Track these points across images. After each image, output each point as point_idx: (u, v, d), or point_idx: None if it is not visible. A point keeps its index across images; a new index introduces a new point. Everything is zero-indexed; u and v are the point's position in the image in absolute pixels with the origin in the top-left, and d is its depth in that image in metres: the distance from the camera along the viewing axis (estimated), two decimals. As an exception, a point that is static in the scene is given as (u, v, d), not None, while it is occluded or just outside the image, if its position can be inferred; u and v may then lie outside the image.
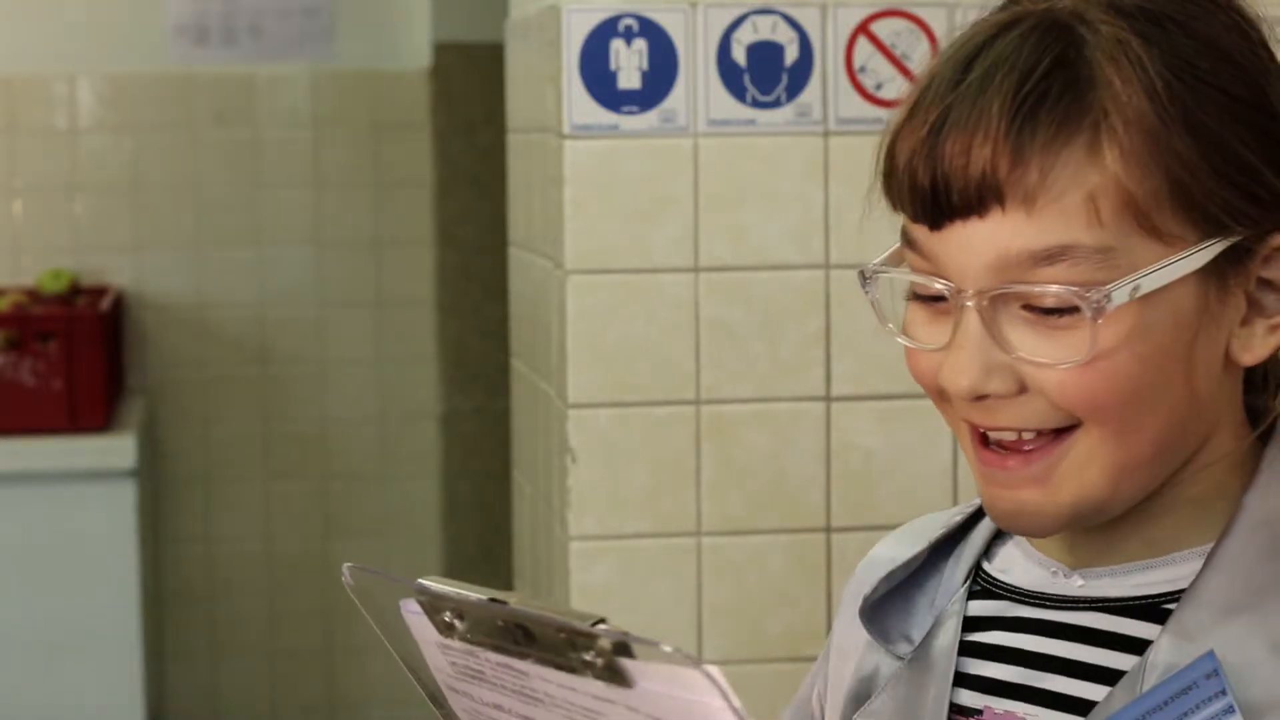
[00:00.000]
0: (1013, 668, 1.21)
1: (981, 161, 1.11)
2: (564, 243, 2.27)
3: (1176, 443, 1.16)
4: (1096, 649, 1.18)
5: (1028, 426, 1.14)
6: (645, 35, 2.25)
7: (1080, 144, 1.10)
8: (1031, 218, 1.10)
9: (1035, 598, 1.23)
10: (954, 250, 1.13)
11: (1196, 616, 1.14)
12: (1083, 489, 1.15)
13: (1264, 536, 1.15)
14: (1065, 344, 1.11)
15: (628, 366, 2.27)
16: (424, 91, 4.37)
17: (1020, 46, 1.12)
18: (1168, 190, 1.10)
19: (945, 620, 1.26)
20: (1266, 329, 1.16)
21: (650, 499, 2.28)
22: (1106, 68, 1.11)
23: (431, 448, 4.44)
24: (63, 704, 3.71)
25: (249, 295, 4.38)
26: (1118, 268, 1.10)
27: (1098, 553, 1.21)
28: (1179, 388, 1.14)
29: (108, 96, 4.31)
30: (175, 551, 4.37)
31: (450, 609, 1.03)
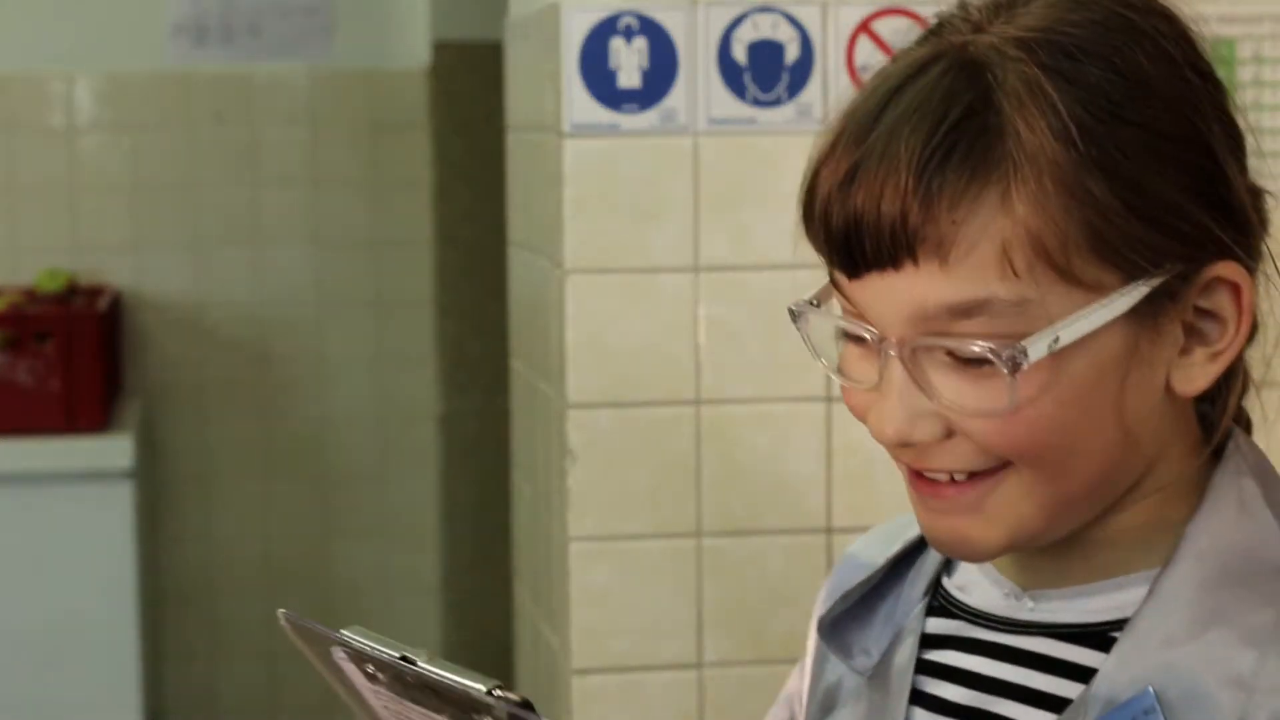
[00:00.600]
0: (966, 690, 1.21)
1: (892, 215, 1.08)
2: (564, 243, 2.26)
3: (1111, 478, 1.14)
4: (1045, 675, 1.17)
5: (958, 468, 1.13)
6: (645, 34, 2.25)
7: (991, 195, 1.07)
8: (945, 271, 1.08)
9: (989, 620, 1.22)
10: (872, 299, 1.12)
11: (1138, 648, 1.12)
12: (1019, 521, 1.14)
13: (1207, 567, 1.14)
14: (988, 392, 1.09)
15: (628, 366, 2.26)
16: (423, 91, 4.36)
17: (931, 92, 1.10)
18: (1084, 237, 1.07)
19: (904, 637, 1.25)
20: (1206, 358, 1.14)
21: (650, 499, 2.28)
22: (1016, 116, 1.08)
23: (431, 448, 4.43)
24: (61, 704, 3.71)
25: (247, 295, 4.37)
26: (1037, 318, 1.08)
27: (1048, 575, 1.20)
28: (1109, 428, 1.12)
29: (106, 96, 4.30)
30: (173, 552, 4.36)
31: (371, 662, 1.04)
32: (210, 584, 4.40)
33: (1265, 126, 2.38)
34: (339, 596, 4.42)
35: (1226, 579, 1.13)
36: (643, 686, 2.29)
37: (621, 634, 2.28)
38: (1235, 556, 1.14)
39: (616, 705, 2.28)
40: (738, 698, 2.28)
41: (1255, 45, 2.36)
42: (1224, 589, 1.13)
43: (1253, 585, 1.12)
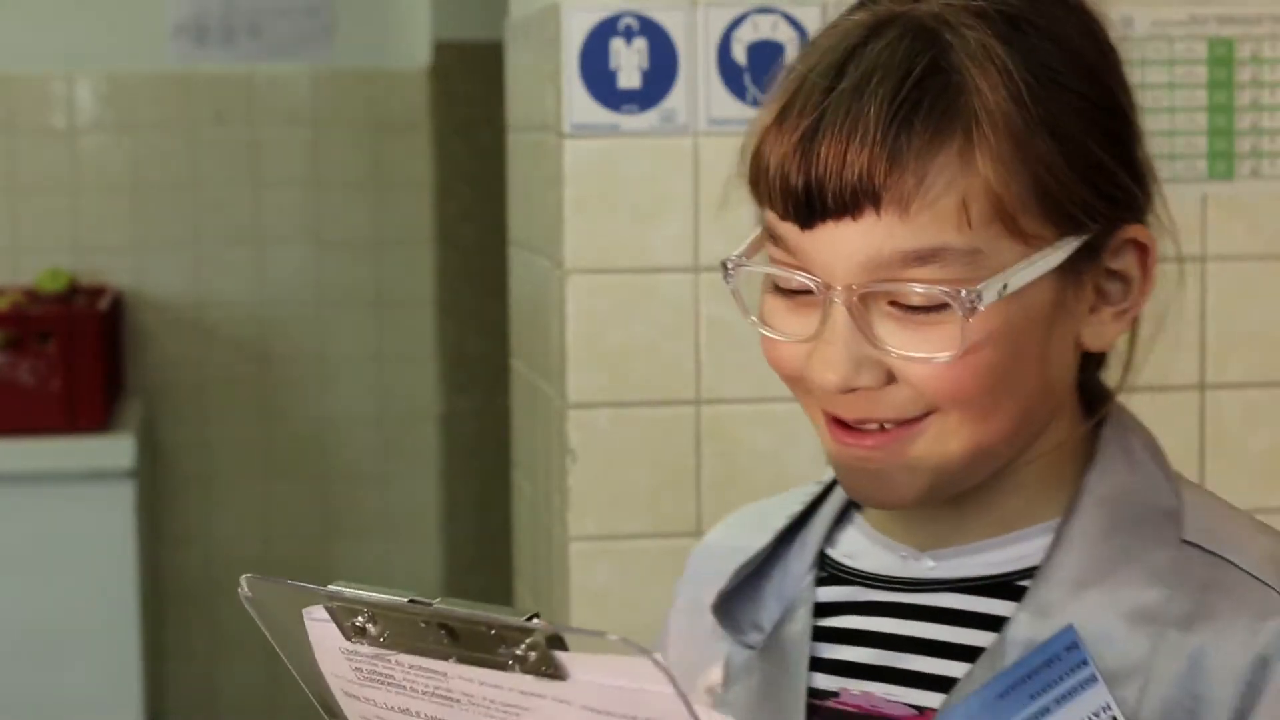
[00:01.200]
0: (869, 650, 1.25)
1: (858, 166, 1.13)
2: (564, 242, 2.26)
3: (1029, 423, 1.20)
4: (953, 628, 1.22)
5: (892, 416, 1.17)
6: (645, 34, 2.25)
7: (954, 149, 1.13)
8: (905, 220, 1.13)
9: (887, 581, 1.26)
10: (823, 249, 1.16)
11: (1051, 592, 1.18)
12: (940, 466, 1.18)
13: (1106, 513, 1.21)
14: (933, 339, 1.14)
15: (628, 366, 2.27)
16: (424, 91, 4.36)
17: (893, 53, 1.15)
18: (1033, 192, 1.14)
19: (796, 608, 1.28)
20: (1112, 316, 1.22)
21: (650, 499, 2.28)
22: (975, 72, 1.14)
23: (431, 448, 4.43)
24: (62, 703, 3.71)
25: (248, 295, 4.37)
26: (984, 267, 1.14)
27: (946, 534, 1.24)
28: (1033, 377, 1.18)
29: (107, 96, 4.30)
30: (174, 552, 4.37)
31: (364, 613, 1.03)
32: (211, 584, 4.40)
33: (1265, 127, 2.38)
34: (339, 596, 4.42)
35: (1125, 523, 1.20)
36: (643, 686, 2.29)
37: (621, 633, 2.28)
38: (1130, 503, 1.21)
39: (616, 704, 2.28)
40: (737, 697, 2.28)
41: (1254, 45, 2.37)
42: (1124, 532, 1.20)
43: (1149, 527, 1.20)
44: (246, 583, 1.07)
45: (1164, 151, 2.37)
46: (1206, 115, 2.37)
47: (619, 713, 0.95)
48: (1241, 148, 2.37)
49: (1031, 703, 1.14)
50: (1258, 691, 1.14)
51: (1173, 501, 1.22)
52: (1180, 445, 2.35)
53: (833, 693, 1.25)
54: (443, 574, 4.44)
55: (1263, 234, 2.37)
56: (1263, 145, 2.38)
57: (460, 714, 1.01)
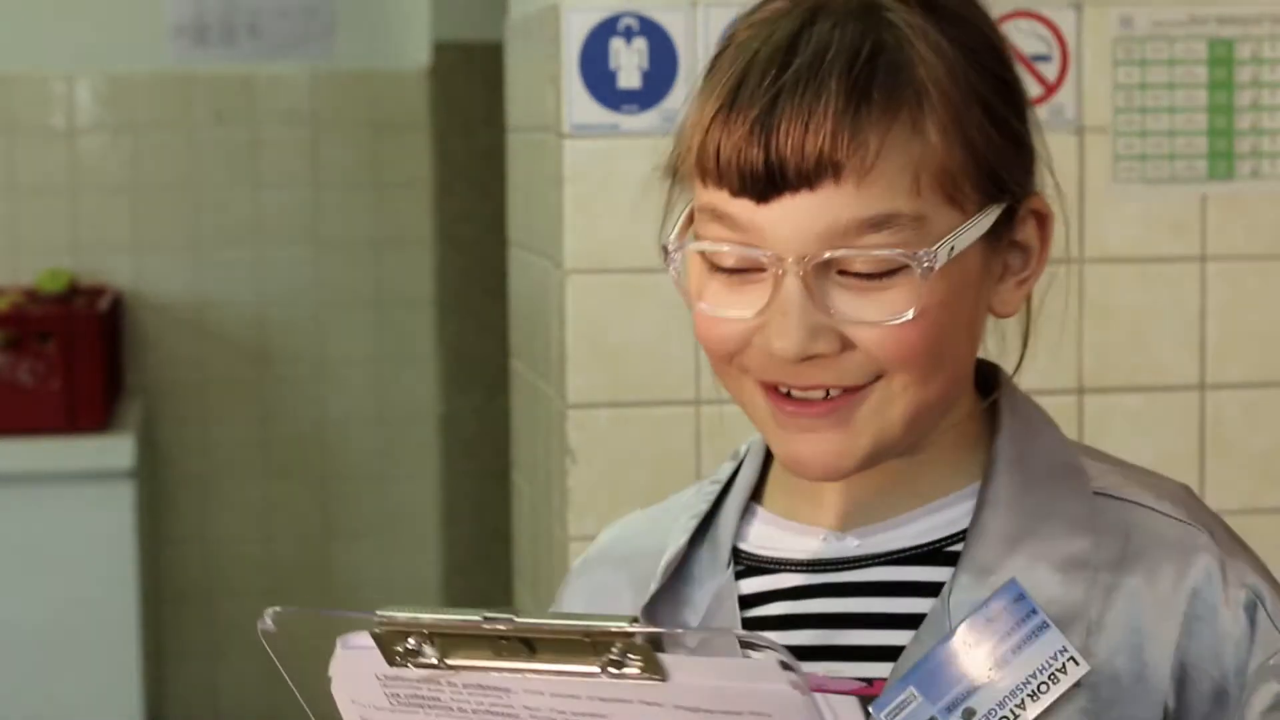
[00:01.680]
0: (805, 631, 1.27)
1: (820, 138, 1.18)
2: (564, 243, 2.27)
3: (956, 389, 1.26)
4: (889, 598, 1.25)
5: (846, 383, 1.21)
6: (645, 34, 2.25)
7: (905, 119, 1.19)
8: (860, 189, 1.18)
9: (811, 564, 1.28)
10: (778, 222, 1.19)
11: (984, 553, 1.23)
12: (882, 430, 1.22)
13: (1020, 473, 1.26)
14: (885, 304, 1.19)
15: (628, 366, 2.27)
16: (423, 91, 4.36)
17: (842, 32, 1.20)
18: (972, 161, 1.21)
19: (721, 603, 1.29)
20: (1015, 285, 1.27)
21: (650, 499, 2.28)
22: (918, 48, 1.20)
23: (431, 448, 4.44)
24: (62, 704, 3.71)
25: (248, 295, 4.37)
26: (928, 234, 1.19)
27: (865, 511, 1.28)
28: (965, 339, 1.25)
29: (106, 96, 4.30)
30: (174, 552, 4.37)
31: (417, 635, 1.02)
32: (210, 584, 4.40)
33: (1265, 127, 2.38)
34: (339, 596, 4.43)
35: (1039, 480, 1.26)
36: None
37: (621, 633, 2.28)
38: (1039, 461, 1.27)
39: (616, 705, 2.28)
40: (737, 697, 2.28)
41: (1254, 46, 2.37)
42: (1040, 488, 1.26)
43: (1060, 482, 1.26)
44: (270, 617, 1.07)
45: (1164, 151, 2.37)
46: (1206, 115, 2.37)
47: (718, 709, 0.96)
48: (1241, 148, 2.37)
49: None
50: (1195, 622, 1.21)
51: (1075, 459, 1.28)
52: (1180, 445, 2.35)
53: None
54: (442, 574, 4.44)
55: (1262, 234, 2.38)
56: (1262, 145, 2.38)
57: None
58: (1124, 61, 2.35)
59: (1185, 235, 2.37)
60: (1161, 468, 2.38)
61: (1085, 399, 2.35)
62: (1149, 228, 2.37)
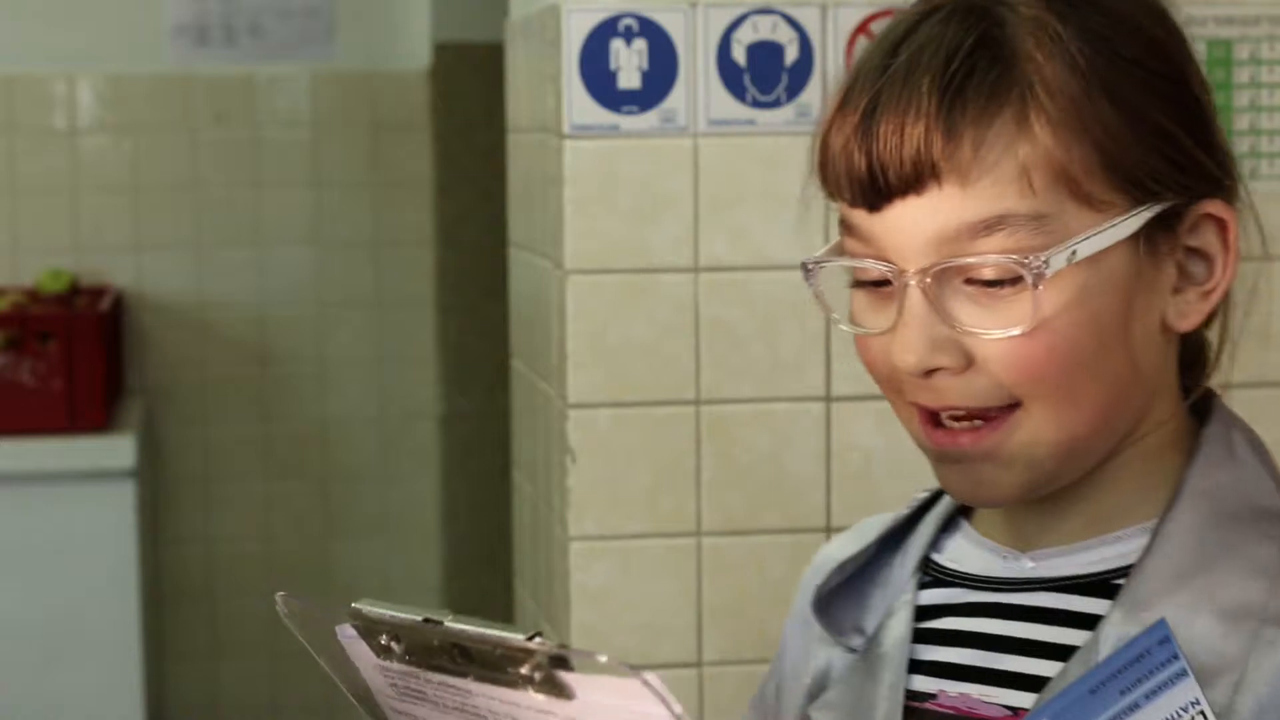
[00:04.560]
0: (967, 650, 1.24)
1: (915, 140, 1.14)
2: (564, 243, 2.27)
3: (1120, 411, 1.19)
4: (1050, 627, 1.21)
5: (974, 404, 1.17)
6: (645, 35, 2.25)
7: (1009, 116, 1.14)
8: (967, 191, 1.13)
9: (988, 582, 1.26)
10: (893, 230, 1.16)
11: (1146, 588, 1.16)
12: (1035, 459, 1.17)
13: (1205, 509, 1.19)
14: (1007, 314, 1.14)
15: (628, 366, 2.27)
16: (424, 91, 4.37)
17: (944, 29, 1.16)
18: (1096, 158, 1.14)
19: (897, 610, 1.28)
20: (1198, 296, 1.21)
21: (650, 499, 2.28)
22: (1027, 43, 1.15)
23: (431, 448, 4.44)
24: (63, 704, 3.71)
25: (249, 295, 4.38)
26: (1053, 234, 1.13)
27: (1046, 533, 1.24)
28: (1118, 355, 1.17)
29: (107, 97, 4.31)
30: (175, 551, 4.37)
31: (386, 631, 1.04)
32: (211, 584, 4.40)
33: (1264, 127, 2.38)
34: (339, 596, 4.41)
35: (1225, 519, 1.18)
36: (643, 685, 2.29)
37: (621, 633, 2.29)
38: (1231, 500, 1.19)
39: (616, 704, 2.29)
40: (737, 696, 2.29)
41: (1252, 47, 2.37)
42: (1224, 528, 1.18)
43: (1251, 524, 1.18)
44: (281, 601, 1.09)
45: (1163, 152, 2.37)
46: (1205, 116, 2.37)
47: None
48: (1240, 148, 2.38)
49: (1121, 698, 1.12)
50: None
51: (1277, 502, 1.20)
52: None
53: (930, 694, 1.24)
54: (443, 574, 4.44)
55: (1261, 234, 2.38)
56: (1261, 146, 2.38)
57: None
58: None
59: (1184, 235, 2.37)
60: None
61: (1084, 399, 2.35)
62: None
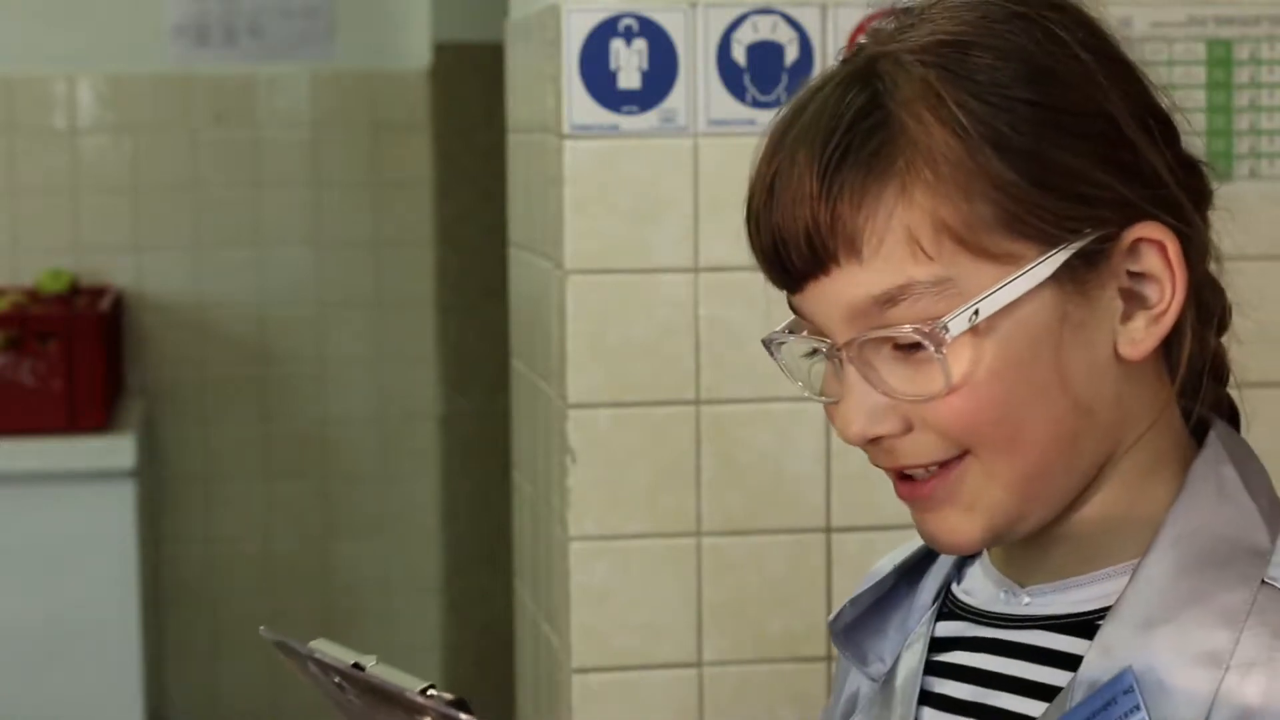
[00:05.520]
0: (970, 686, 1.24)
1: (805, 225, 1.14)
2: (564, 243, 2.27)
3: (1073, 449, 1.17)
4: (1040, 666, 1.21)
5: (925, 460, 1.17)
6: (645, 35, 2.25)
7: (890, 189, 1.13)
8: (865, 266, 1.13)
9: (990, 617, 1.26)
10: (815, 309, 1.17)
11: (1119, 632, 1.16)
12: (992, 505, 1.17)
13: (1184, 551, 1.17)
14: (926, 376, 1.14)
15: (628, 366, 2.27)
16: (424, 91, 4.37)
17: (826, 104, 1.16)
18: (990, 213, 1.12)
19: (913, 643, 1.29)
20: (1148, 321, 1.18)
21: (650, 499, 2.29)
22: (903, 111, 1.13)
23: (431, 448, 4.44)
24: (63, 704, 3.71)
25: (249, 295, 4.38)
26: (959, 295, 1.12)
27: (1038, 568, 1.23)
28: (1055, 398, 1.15)
29: (107, 96, 4.31)
30: (175, 551, 4.37)
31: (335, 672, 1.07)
32: (211, 584, 4.40)
33: (1264, 127, 2.38)
34: (339, 596, 4.43)
35: (1203, 562, 1.16)
36: (642, 685, 2.30)
37: (621, 633, 2.29)
38: (1213, 540, 1.17)
39: (616, 704, 2.29)
40: (737, 696, 2.29)
41: (1252, 47, 2.37)
42: (1201, 571, 1.16)
43: (1228, 566, 1.16)
44: (265, 634, 1.12)
45: (1163, 152, 2.37)
46: (1205, 116, 2.37)
47: None
48: (1240, 148, 2.38)
49: None
50: None
51: (1263, 541, 1.17)
52: (1179, 445, 2.35)
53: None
54: (443, 574, 4.44)
55: (1261, 235, 2.38)
56: (1261, 146, 2.38)
57: None
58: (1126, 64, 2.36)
59: (1184, 235, 2.37)
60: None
61: (1084, 399, 2.35)
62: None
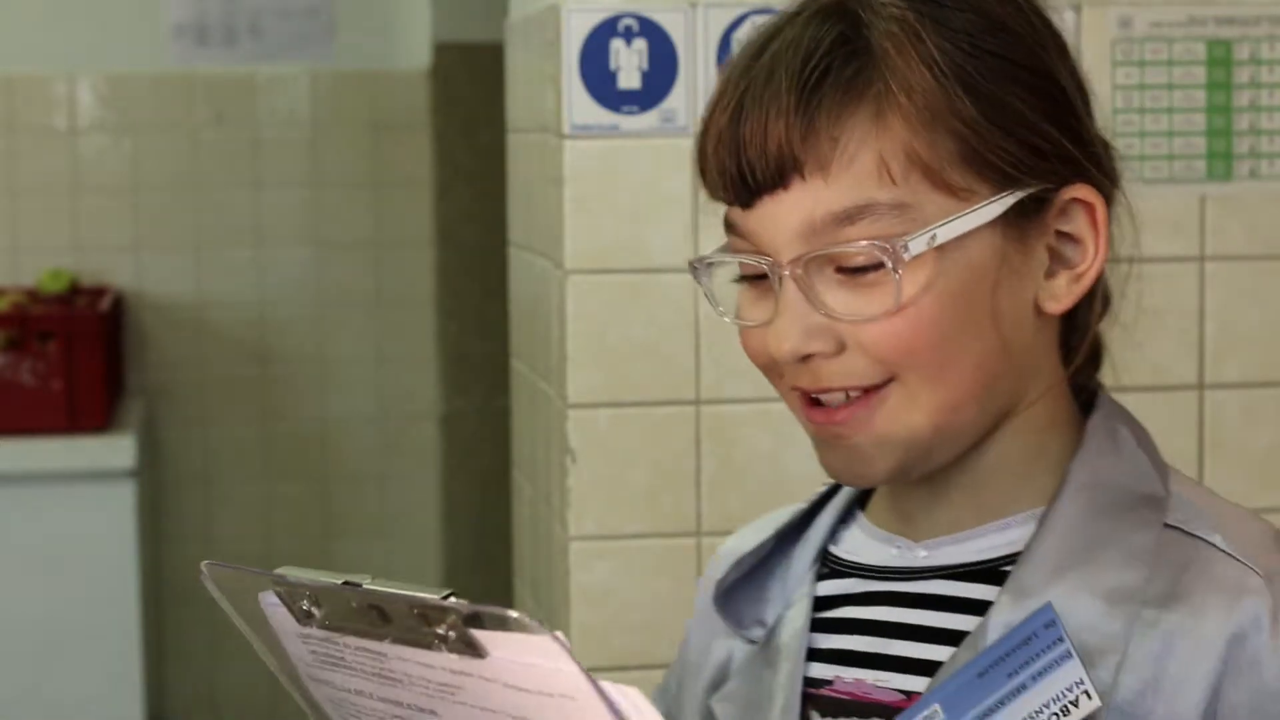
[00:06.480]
0: (862, 637, 1.28)
1: (777, 137, 1.19)
2: (564, 243, 2.27)
3: (991, 389, 1.23)
4: (941, 613, 1.26)
5: (850, 384, 1.21)
6: (645, 35, 2.25)
7: (866, 112, 1.19)
8: (829, 183, 1.19)
9: (883, 572, 1.30)
10: (765, 225, 1.21)
11: (1032, 576, 1.21)
12: (909, 434, 1.22)
13: (1088, 499, 1.24)
14: (875, 298, 1.19)
15: (628, 366, 2.27)
16: (424, 91, 4.37)
17: (804, 30, 1.22)
18: (955, 148, 1.19)
19: (795, 602, 1.32)
20: (1070, 280, 1.25)
21: (650, 499, 2.29)
22: (885, 42, 1.20)
23: (431, 448, 4.44)
24: (63, 703, 3.71)
25: (249, 295, 4.38)
26: (915, 221, 1.18)
27: (936, 522, 1.28)
28: (987, 335, 1.22)
29: (107, 96, 4.31)
30: (175, 551, 4.37)
31: (307, 596, 1.06)
32: (211, 583, 4.40)
33: (1264, 128, 2.38)
34: (340, 596, 4.43)
35: (1109, 508, 1.23)
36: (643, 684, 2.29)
37: (621, 633, 2.29)
38: (1115, 489, 1.24)
39: (616, 704, 2.29)
40: (737, 696, 2.29)
41: (1252, 47, 2.37)
42: (1105, 517, 1.23)
43: (1132, 512, 1.23)
44: (207, 569, 1.10)
45: (1162, 152, 2.37)
46: (1205, 116, 2.37)
47: (534, 689, 0.97)
48: (1239, 148, 2.38)
49: (1009, 680, 1.17)
50: (1235, 669, 1.16)
51: (1159, 490, 1.25)
52: (1180, 445, 2.36)
53: (827, 681, 1.29)
54: (443, 574, 4.44)
55: (1260, 234, 2.38)
56: (1261, 146, 2.38)
57: (404, 693, 1.03)
58: (1122, 62, 2.36)
59: (1183, 235, 2.37)
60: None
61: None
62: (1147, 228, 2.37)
